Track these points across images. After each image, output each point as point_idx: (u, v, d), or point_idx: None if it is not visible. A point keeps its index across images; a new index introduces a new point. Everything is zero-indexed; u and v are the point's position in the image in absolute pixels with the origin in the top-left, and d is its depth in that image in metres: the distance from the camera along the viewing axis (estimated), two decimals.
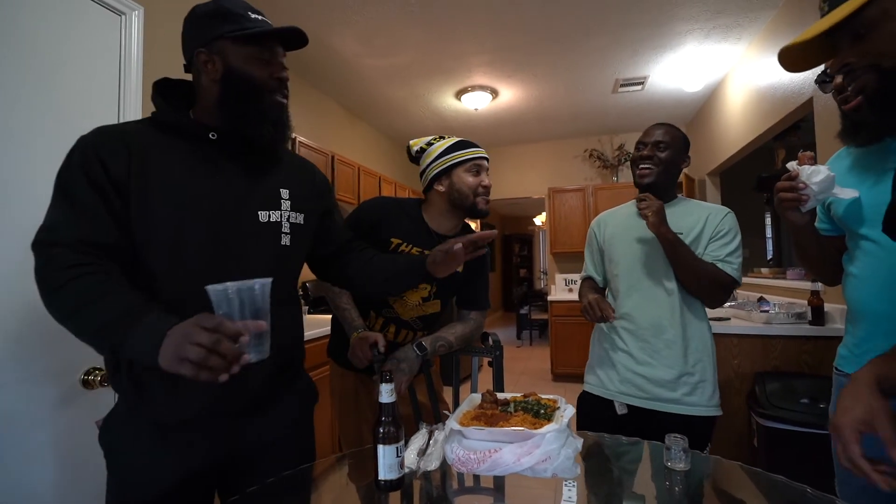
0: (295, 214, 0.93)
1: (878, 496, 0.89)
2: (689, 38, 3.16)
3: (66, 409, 1.09)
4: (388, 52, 3.30)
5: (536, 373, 5.07)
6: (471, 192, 1.32)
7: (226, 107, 0.84)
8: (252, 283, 0.69)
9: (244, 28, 0.83)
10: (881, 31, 0.58)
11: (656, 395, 1.33)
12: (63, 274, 0.70)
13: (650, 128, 1.43)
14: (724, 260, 1.32)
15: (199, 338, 0.61)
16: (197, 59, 0.84)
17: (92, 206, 0.75)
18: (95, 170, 0.75)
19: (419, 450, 0.97)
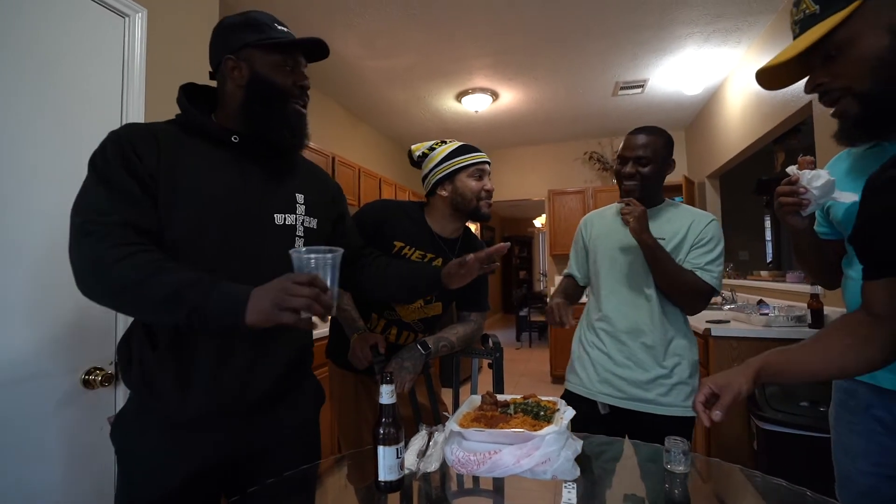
0: (309, 219, 0.96)
1: (877, 498, 0.89)
2: (689, 41, 3.17)
3: (67, 409, 1.09)
4: (390, 55, 3.31)
5: (536, 374, 5.06)
6: (474, 196, 1.33)
7: (249, 111, 0.88)
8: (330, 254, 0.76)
9: (271, 37, 0.88)
10: (849, 54, 0.60)
11: (633, 396, 1.35)
12: (119, 250, 0.72)
13: (631, 137, 1.40)
14: (703, 268, 1.32)
15: (300, 290, 0.68)
16: (224, 66, 0.88)
17: (134, 193, 0.77)
18: (132, 160, 0.78)
19: (419, 451, 0.97)
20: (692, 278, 1.31)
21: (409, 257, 1.34)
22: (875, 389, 0.90)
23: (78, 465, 1.10)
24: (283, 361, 0.93)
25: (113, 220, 0.74)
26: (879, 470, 0.89)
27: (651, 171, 1.36)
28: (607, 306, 1.42)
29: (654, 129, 1.39)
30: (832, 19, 0.60)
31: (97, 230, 0.73)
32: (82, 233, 0.74)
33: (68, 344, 1.10)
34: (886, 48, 0.58)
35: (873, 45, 0.58)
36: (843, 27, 0.60)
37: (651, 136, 1.37)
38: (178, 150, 0.83)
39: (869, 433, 0.91)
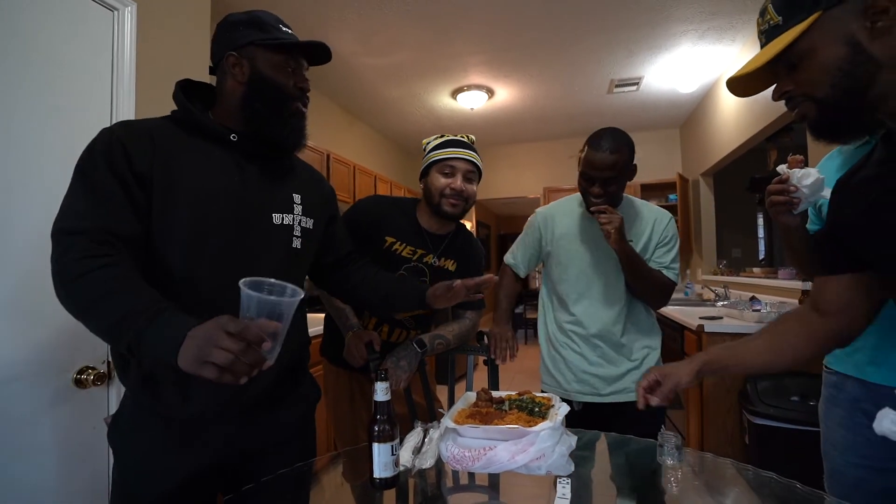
0: (306, 219, 0.96)
1: (865, 491, 0.91)
2: (684, 39, 3.18)
3: (59, 408, 1.08)
4: (385, 52, 3.29)
5: (531, 371, 5.08)
6: (437, 193, 1.30)
7: (248, 108, 0.88)
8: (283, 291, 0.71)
9: (275, 37, 0.88)
10: (811, 63, 0.63)
11: (608, 391, 1.40)
12: (78, 265, 0.69)
13: (596, 155, 1.29)
14: (668, 266, 1.39)
15: (224, 342, 0.61)
16: (226, 61, 0.87)
17: (113, 195, 0.75)
18: (119, 160, 0.76)
19: (414, 448, 0.97)
20: (660, 277, 1.37)
21: (400, 253, 1.34)
22: (862, 384, 0.92)
23: (71, 465, 1.09)
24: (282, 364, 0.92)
25: (85, 225, 0.72)
26: (868, 462, 0.90)
27: (617, 188, 1.34)
28: (578, 309, 1.43)
29: (619, 142, 1.30)
30: (794, 31, 0.63)
31: (65, 240, 0.71)
32: (55, 241, 0.72)
33: (59, 343, 1.09)
34: (844, 58, 0.61)
35: (832, 55, 0.61)
36: (804, 38, 0.63)
37: (616, 152, 1.28)
38: (174, 148, 0.81)
39: (856, 427, 0.92)
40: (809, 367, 2.05)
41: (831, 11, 0.61)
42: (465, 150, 1.33)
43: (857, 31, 0.59)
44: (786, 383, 1.96)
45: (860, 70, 0.60)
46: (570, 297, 1.45)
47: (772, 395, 1.94)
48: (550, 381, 1.49)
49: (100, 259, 0.70)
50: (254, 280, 0.69)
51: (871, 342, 0.90)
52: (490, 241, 10.11)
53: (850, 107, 0.63)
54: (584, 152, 1.35)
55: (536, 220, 1.56)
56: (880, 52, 0.59)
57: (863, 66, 0.60)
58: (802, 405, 1.85)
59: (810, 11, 0.62)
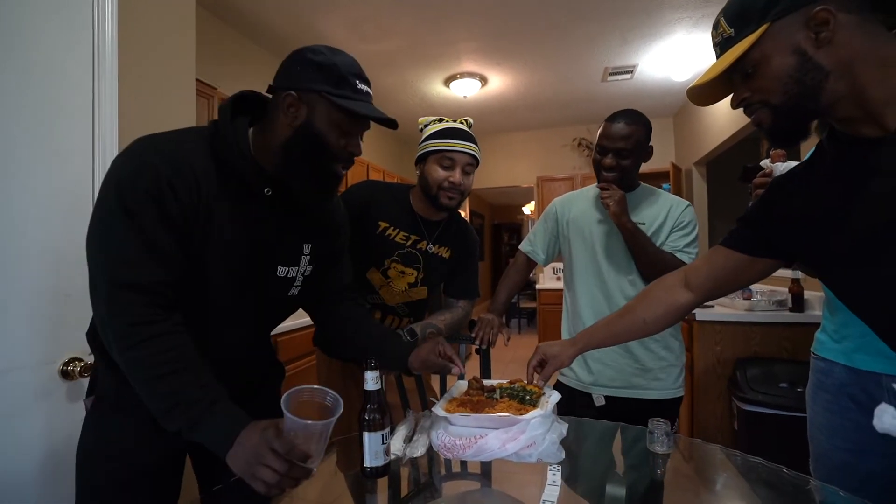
0: (310, 268, 0.95)
1: (850, 474, 0.92)
2: (679, 26, 3.16)
3: (45, 400, 1.07)
4: (377, 38, 3.24)
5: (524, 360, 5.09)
6: (435, 185, 1.29)
7: (289, 154, 0.82)
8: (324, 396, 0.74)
9: (345, 96, 0.81)
10: (764, 72, 0.66)
11: (627, 384, 1.37)
12: (135, 333, 0.70)
13: (611, 126, 1.35)
14: (682, 250, 1.35)
15: (271, 461, 0.64)
16: (283, 99, 0.80)
17: (166, 243, 0.73)
18: (170, 205, 0.73)
19: (405, 437, 0.97)
20: (672, 259, 1.34)
21: (393, 238, 1.33)
22: (850, 370, 0.93)
23: (58, 458, 1.08)
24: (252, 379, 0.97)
25: (142, 279, 0.71)
26: (852, 446, 0.92)
27: (631, 163, 1.36)
28: (590, 295, 1.42)
29: (635, 117, 1.35)
30: (745, 42, 0.66)
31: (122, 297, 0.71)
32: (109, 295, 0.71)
33: (44, 334, 1.07)
34: (794, 67, 0.64)
35: (783, 64, 0.65)
36: (755, 48, 0.66)
37: (632, 125, 1.33)
38: (213, 194, 0.78)
39: (843, 411, 0.94)
40: (797, 355, 2.09)
41: (778, 23, 0.64)
42: (466, 143, 1.30)
43: (803, 42, 0.62)
44: (775, 370, 1.99)
45: (809, 78, 0.63)
46: (582, 281, 1.44)
47: (761, 381, 1.97)
48: (569, 374, 1.47)
49: (156, 326, 0.71)
50: (295, 392, 0.71)
51: (857, 330, 0.91)
52: (484, 231, 10.10)
53: (802, 113, 0.67)
54: (601, 128, 1.39)
55: (554, 206, 1.59)
56: (826, 60, 0.62)
57: (811, 73, 0.63)
58: (791, 391, 1.88)
59: (759, 23, 0.65)
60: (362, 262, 1.32)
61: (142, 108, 1.34)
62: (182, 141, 0.79)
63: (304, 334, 2.31)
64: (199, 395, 0.70)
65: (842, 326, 0.96)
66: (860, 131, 0.64)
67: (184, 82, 1.49)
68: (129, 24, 1.33)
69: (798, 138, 0.72)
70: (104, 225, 0.73)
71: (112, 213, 0.72)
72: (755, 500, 0.86)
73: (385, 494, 0.87)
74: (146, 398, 0.71)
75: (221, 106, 0.83)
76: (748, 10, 0.66)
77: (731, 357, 2.19)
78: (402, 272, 1.36)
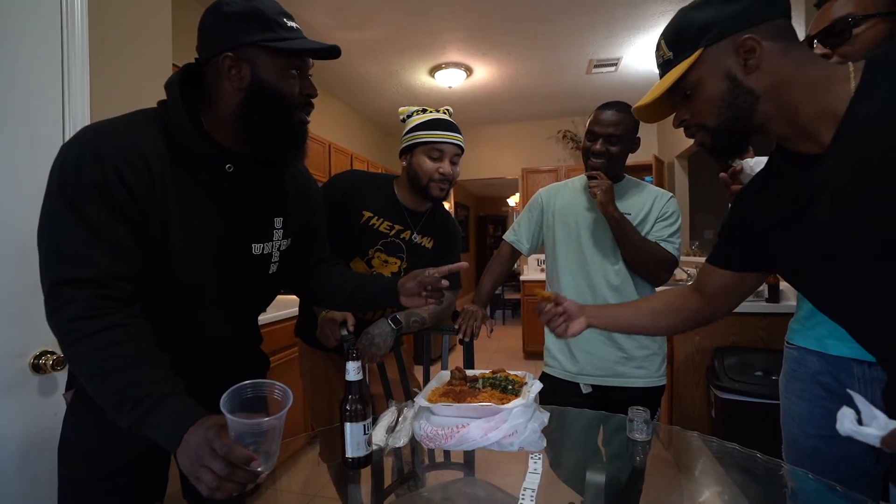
0: (285, 241, 0.93)
1: (820, 459, 0.96)
2: (663, 20, 3.17)
3: (16, 395, 1.04)
4: (360, 26, 3.19)
5: (509, 351, 5.16)
6: (425, 176, 1.28)
7: (246, 119, 0.77)
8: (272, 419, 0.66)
9: (281, 38, 0.76)
10: (700, 94, 0.69)
11: (612, 372, 1.39)
12: (77, 328, 0.66)
13: (602, 113, 1.39)
14: (666, 240, 1.38)
15: (210, 462, 0.61)
16: (221, 64, 0.75)
17: (116, 234, 0.69)
18: (117, 192, 0.69)
19: (388, 427, 0.97)
20: (657, 249, 1.36)
21: (377, 228, 1.33)
22: (823, 357, 0.96)
23: (31, 453, 1.05)
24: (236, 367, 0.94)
25: (88, 274, 0.67)
26: (822, 432, 0.95)
27: (620, 150, 1.38)
28: (575, 284, 1.44)
29: (625, 106, 1.37)
30: (682, 66, 0.69)
31: (64, 294, 0.67)
32: (50, 294, 0.67)
33: (16, 325, 1.04)
34: (726, 91, 0.67)
35: (716, 89, 0.67)
36: (691, 72, 0.68)
37: (622, 113, 1.36)
38: (169, 177, 0.74)
39: (813, 399, 0.97)
40: (772, 344, 2.14)
41: (711, 49, 0.66)
42: (453, 134, 1.31)
43: (734, 67, 0.66)
44: (751, 359, 2.04)
45: (740, 101, 0.66)
46: (567, 270, 1.45)
47: (737, 370, 2.02)
48: (554, 364, 1.48)
49: (101, 320, 0.67)
50: (236, 390, 0.66)
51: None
52: (469, 223, 10.11)
53: (737, 133, 0.70)
54: (591, 116, 1.41)
55: (540, 196, 1.59)
56: (756, 84, 0.65)
57: (742, 97, 0.66)
58: (765, 380, 1.93)
59: (693, 48, 0.67)
60: (346, 251, 1.31)
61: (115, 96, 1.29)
62: (129, 125, 0.75)
63: (286, 326, 2.28)
64: (148, 391, 0.66)
65: (813, 313, 0.99)
66: (799, 147, 0.67)
67: (160, 68, 1.44)
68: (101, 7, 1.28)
69: (737, 154, 0.77)
70: (48, 219, 0.69)
71: (55, 207, 0.69)
72: (730, 484, 0.88)
73: (368, 485, 0.87)
74: (94, 395, 0.68)
75: (168, 83, 0.77)
76: (683, 35, 0.69)
77: (709, 346, 2.24)
78: (386, 261, 1.35)
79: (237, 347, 0.95)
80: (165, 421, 0.65)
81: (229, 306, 0.87)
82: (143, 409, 0.65)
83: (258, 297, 0.95)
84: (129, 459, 0.82)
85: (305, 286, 1.09)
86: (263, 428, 0.64)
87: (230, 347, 0.92)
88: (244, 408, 0.66)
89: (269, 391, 0.68)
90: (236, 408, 0.65)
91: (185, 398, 0.67)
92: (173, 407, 0.66)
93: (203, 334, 0.85)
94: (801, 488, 0.84)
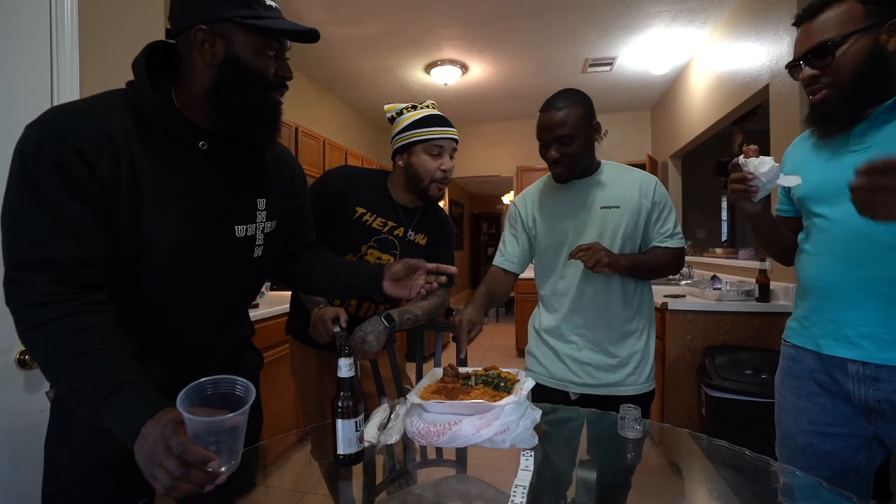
0: (269, 224, 0.90)
1: (812, 453, 0.97)
2: (658, 20, 3.18)
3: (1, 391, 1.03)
4: (357, 21, 3.17)
5: (502, 349, 5.17)
6: (427, 176, 1.27)
7: (218, 97, 0.75)
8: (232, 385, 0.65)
9: (259, 16, 0.73)
10: None
11: (601, 381, 1.33)
12: (35, 314, 0.64)
13: (545, 116, 1.26)
14: (671, 236, 1.32)
15: (164, 461, 0.58)
16: (193, 37, 0.72)
17: (77, 216, 0.66)
18: (78, 172, 0.66)
19: (380, 424, 0.97)
20: (666, 254, 1.31)
21: (370, 224, 1.32)
22: (817, 356, 0.97)
23: (17, 450, 1.04)
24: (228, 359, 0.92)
25: (47, 257, 0.65)
26: (815, 428, 0.97)
27: (576, 148, 1.26)
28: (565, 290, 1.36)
29: (570, 98, 1.25)
30: None
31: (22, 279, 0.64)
32: (8, 278, 0.65)
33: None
34: None
35: None
36: None
37: (568, 107, 1.23)
38: (137, 153, 0.71)
39: (808, 395, 0.98)
40: (762, 343, 2.16)
41: None
42: (450, 129, 1.31)
43: None
44: (741, 358, 2.06)
45: None
46: (556, 275, 1.38)
47: (728, 369, 2.04)
48: (540, 370, 1.40)
49: (60, 307, 0.64)
50: (195, 386, 0.63)
51: (826, 316, 0.95)
52: (464, 220, 10.11)
53: None
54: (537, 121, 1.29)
55: (515, 207, 1.48)
56: None
57: None
58: (755, 378, 1.94)
59: None
60: (338, 248, 1.29)
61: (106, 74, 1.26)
62: (93, 104, 0.72)
63: (277, 323, 2.27)
64: (106, 380, 0.63)
65: (811, 313, 1.00)
66: None
67: None
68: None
69: None
70: (8, 201, 0.67)
71: (14, 188, 0.66)
72: (720, 481, 0.89)
73: (360, 482, 0.86)
74: (53, 385, 0.66)
75: (134, 61, 0.74)
76: None
77: (701, 345, 2.25)
78: (379, 258, 1.34)
79: (224, 339, 0.93)
80: (122, 412, 0.62)
81: (213, 292, 0.84)
82: (100, 398, 0.62)
83: (244, 283, 0.92)
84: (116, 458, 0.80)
85: (290, 271, 1.07)
86: (224, 425, 0.60)
87: (216, 338, 0.90)
88: (209, 405, 0.63)
89: (229, 388, 0.65)
90: (196, 405, 0.62)
91: (146, 388, 0.64)
92: (131, 397, 0.63)
93: (185, 322, 0.82)
94: (789, 485, 0.85)
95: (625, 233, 1.30)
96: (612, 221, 1.31)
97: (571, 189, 1.36)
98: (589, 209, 1.33)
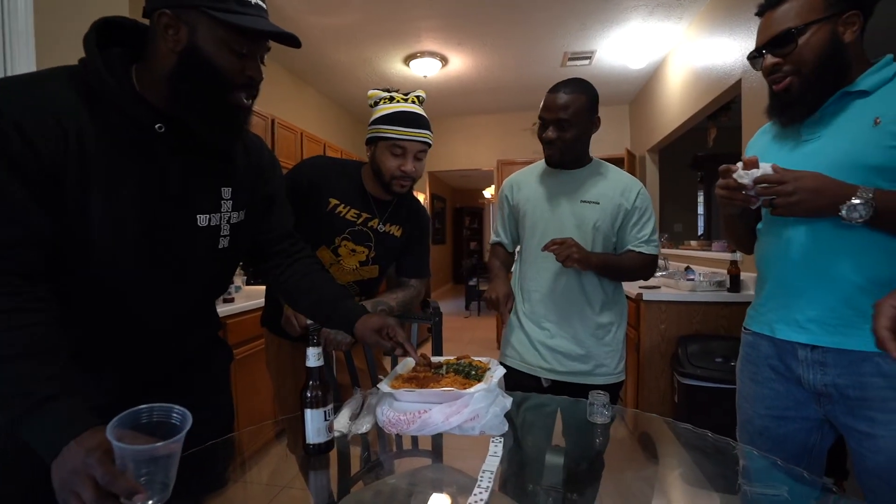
0: (236, 214, 0.86)
1: (769, 436, 1.00)
2: (635, 14, 3.21)
3: None
4: (333, 10, 3.12)
5: (482, 342, 5.21)
6: (387, 173, 1.26)
7: (176, 86, 0.71)
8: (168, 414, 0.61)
9: (230, 10, 0.68)
10: None
11: (571, 369, 1.35)
12: None
13: (551, 97, 1.29)
14: (647, 241, 1.35)
15: (84, 493, 0.53)
16: (158, 20, 0.68)
17: (17, 198, 0.62)
18: (21, 154, 0.62)
19: (352, 414, 0.96)
20: (638, 259, 1.34)
21: (343, 216, 1.31)
22: (772, 341, 1.00)
23: None
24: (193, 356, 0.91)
25: None
26: (771, 412, 1.00)
27: (573, 135, 1.28)
28: (542, 276, 1.39)
29: (578, 86, 1.28)
30: None
31: None
32: None
33: None
34: None
35: None
36: None
37: (573, 94, 1.26)
38: (88, 132, 0.66)
39: (764, 381, 1.02)
40: (732, 332, 2.23)
41: None
42: (418, 131, 1.26)
43: None
44: (712, 346, 2.12)
45: None
46: (536, 262, 1.39)
47: (699, 357, 2.09)
48: (513, 354, 1.43)
49: None
50: (129, 413, 0.59)
51: (778, 302, 0.98)
52: (445, 214, 10.11)
53: None
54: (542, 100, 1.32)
55: (504, 189, 1.52)
56: None
57: None
58: (724, 366, 2.00)
59: None
60: (312, 239, 1.28)
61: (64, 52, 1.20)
62: (38, 80, 0.68)
63: (253, 317, 2.24)
64: (32, 388, 0.58)
65: (766, 299, 1.03)
66: None
67: None
68: None
69: None
70: None
71: None
72: (685, 460, 0.91)
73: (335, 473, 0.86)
74: None
75: (85, 36, 0.69)
76: None
77: (674, 335, 2.31)
78: (353, 250, 1.33)
79: (186, 333, 0.89)
80: (44, 426, 0.58)
81: (173, 284, 0.81)
82: (23, 408, 0.57)
83: (208, 275, 0.87)
84: None
85: (267, 270, 1.04)
86: (156, 453, 0.56)
87: (177, 332, 0.86)
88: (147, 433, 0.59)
89: (165, 416, 0.61)
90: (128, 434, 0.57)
91: (74, 403, 0.60)
92: (57, 412, 0.58)
93: (140, 315, 0.79)
94: (748, 465, 0.88)
95: (600, 228, 1.34)
96: (590, 216, 1.34)
97: (559, 178, 1.39)
98: (570, 200, 1.36)
